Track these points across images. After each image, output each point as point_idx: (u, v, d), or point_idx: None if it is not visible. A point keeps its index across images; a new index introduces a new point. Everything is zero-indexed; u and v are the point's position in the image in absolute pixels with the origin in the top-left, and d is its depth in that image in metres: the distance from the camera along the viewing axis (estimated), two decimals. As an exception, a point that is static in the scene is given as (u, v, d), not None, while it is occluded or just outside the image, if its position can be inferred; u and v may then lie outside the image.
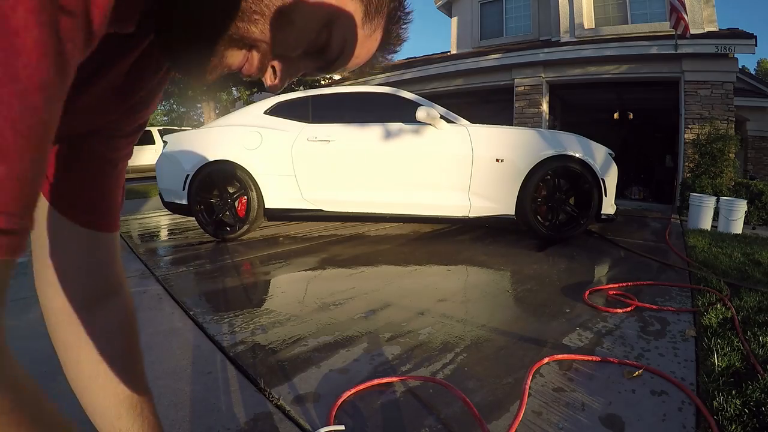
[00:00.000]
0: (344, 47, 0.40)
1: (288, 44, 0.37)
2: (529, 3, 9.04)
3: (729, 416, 1.16)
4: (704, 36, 6.54)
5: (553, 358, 1.50)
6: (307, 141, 3.47)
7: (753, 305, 2.02)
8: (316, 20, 0.37)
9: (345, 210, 3.54)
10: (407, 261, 2.90)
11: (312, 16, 0.36)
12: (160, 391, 1.29)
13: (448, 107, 3.73)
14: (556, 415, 1.19)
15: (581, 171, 3.35)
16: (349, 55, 0.41)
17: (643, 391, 1.31)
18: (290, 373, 1.41)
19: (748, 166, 10.59)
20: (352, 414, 1.20)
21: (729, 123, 6.34)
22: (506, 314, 1.97)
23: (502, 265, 2.81)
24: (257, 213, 3.50)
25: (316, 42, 0.38)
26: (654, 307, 2.03)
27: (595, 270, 2.81)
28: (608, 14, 7.92)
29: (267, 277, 2.57)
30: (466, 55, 9.09)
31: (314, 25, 0.37)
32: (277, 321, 1.86)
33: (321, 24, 0.37)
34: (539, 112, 7.81)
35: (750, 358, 1.46)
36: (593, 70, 7.27)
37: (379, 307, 2.02)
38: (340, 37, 0.39)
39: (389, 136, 3.44)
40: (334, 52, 0.40)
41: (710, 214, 4.70)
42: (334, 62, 0.41)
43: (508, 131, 3.52)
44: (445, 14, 10.75)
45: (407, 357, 1.53)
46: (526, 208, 3.37)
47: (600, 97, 9.08)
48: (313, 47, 0.39)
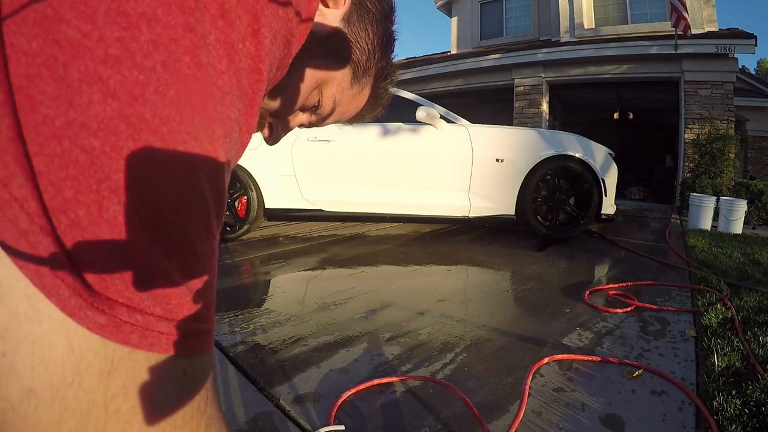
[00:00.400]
0: (334, 105, 0.44)
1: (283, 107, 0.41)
2: (529, 3, 9.04)
3: (729, 416, 1.16)
4: (704, 36, 6.55)
5: (553, 358, 1.50)
6: (307, 141, 3.47)
7: (753, 305, 2.02)
8: (309, 86, 0.40)
9: (345, 210, 3.54)
10: (407, 261, 2.90)
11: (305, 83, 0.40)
12: (160, 391, 1.29)
13: (448, 107, 3.73)
14: (556, 415, 1.19)
15: (581, 171, 3.35)
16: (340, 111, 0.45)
17: (643, 391, 1.31)
18: (290, 373, 1.41)
19: (748, 166, 10.59)
20: (352, 414, 1.20)
21: (729, 123, 6.35)
22: (506, 314, 1.97)
23: (502, 265, 2.81)
24: (257, 213, 3.50)
25: (309, 102, 0.42)
26: (654, 307, 2.03)
27: (595, 270, 2.81)
28: (608, 14, 7.93)
29: (267, 277, 2.56)
30: (466, 55, 9.09)
31: (307, 89, 0.40)
32: (277, 321, 1.86)
33: (312, 87, 0.41)
34: (539, 112, 7.82)
35: (750, 358, 1.46)
36: (593, 70, 7.27)
37: (379, 307, 2.02)
38: (330, 97, 0.42)
39: (389, 135, 3.44)
40: (326, 109, 0.44)
41: (710, 214, 4.70)
42: (325, 118, 0.45)
43: (508, 131, 3.52)
44: (445, 14, 10.75)
45: (407, 357, 1.53)
46: (526, 208, 3.37)
47: (600, 97, 9.08)
48: (306, 107, 0.43)
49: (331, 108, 0.44)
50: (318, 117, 0.45)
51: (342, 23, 0.38)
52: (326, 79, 0.41)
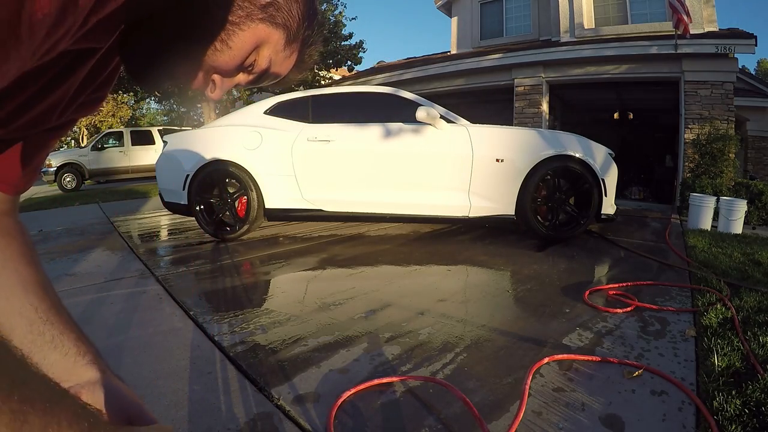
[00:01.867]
0: (269, 65, 0.52)
1: (227, 64, 0.48)
2: (529, 3, 9.04)
3: (729, 416, 1.16)
4: (704, 36, 6.54)
5: (553, 358, 1.50)
6: (307, 141, 3.47)
7: (753, 305, 2.02)
8: (250, 45, 0.48)
9: (345, 210, 3.54)
10: (407, 261, 2.90)
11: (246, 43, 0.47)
12: (160, 391, 1.29)
13: (448, 107, 3.73)
14: (556, 415, 1.19)
15: (581, 171, 3.35)
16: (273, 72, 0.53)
17: (643, 391, 1.31)
18: (290, 373, 1.41)
19: (748, 166, 10.59)
20: (352, 414, 1.20)
21: (729, 123, 6.35)
22: (506, 314, 1.97)
23: (502, 265, 2.81)
24: (257, 213, 3.50)
25: (247, 62, 0.49)
26: (654, 307, 2.03)
27: (595, 270, 2.81)
28: (608, 14, 7.93)
29: (267, 277, 2.57)
30: (466, 55, 9.09)
31: (248, 49, 0.48)
32: (277, 321, 1.86)
33: (252, 47, 0.48)
34: (539, 112, 7.81)
35: (750, 358, 1.46)
36: (593, 70, 7.27)
37: (379, 307, 2.02)
38: (266, 57, 0.50)
39: (389, 136, 3.44)
40: (261, 68, 0.51)
41: (710, 214, 4.70)
42: (260, 77, 0.53)
43: (508, 131, 3.52)
44: (445, 14, 10.75)
45: (407, 357, 1.53)
46: (526, 208, 3.37)
47: (600, 97, 9.08)
48: (244, 66, 0.50)
49: (266, 67, 0.51)
50: (255, 76, 0.53)
51: None
52: (264, 40, 0.48)
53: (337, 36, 12.71)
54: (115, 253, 3.12)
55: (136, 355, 1.53)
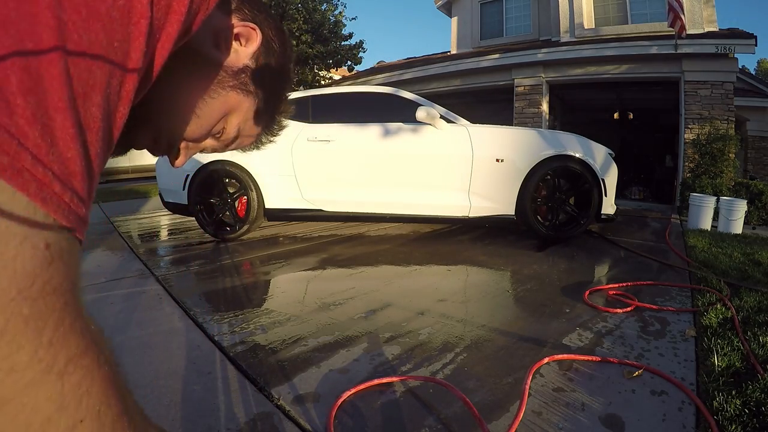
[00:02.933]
0: (238, 134, 0.50)
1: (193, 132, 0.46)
2: (529, 3, 9.04)
3: (729, 416, 1.16)
4: (704, 36, 6.55)
5: (553, 358, 1.50)
6: (307, 141, 3.47)
7: (753, 305, 2.02)
8: (219, 113, 0.46)
9: (345, 210, 3.54)
10: (407, 261, 2.90)
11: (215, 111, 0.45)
12: (160, 391, 1.29)
13: (448, 107, 3.73)
14: (556, 415, 1.19)
15: (581, 171, 3.35)
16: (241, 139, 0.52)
17: (643, 391, 1.31)
18: (290, 373, 1.41)
19: (748, 166, 10.59)
20: (352, 414, 1.20)
21: (729, 123, 6.35)
22: (506, 314, 1.97)
23: (502, 265, 2.81)
24: (257, 213, 3.50)
25: (215, 129, 0.48)
26: (654, 307, 2.03)
27: (595, 270, 2.81)
28: (608, 14, 7.93)
29: (267, 277, 2.57)
30: (466, 55, 9.09)
31: (217, 117, 0.46)
32: (277, 321, 1.86)
33: (221, 115, 0.46)
34: (539, 112, 7.82)
35: (750, 358, 1.46)
36: (593, 70, 7.27)
37: (379, 307, 2.02)
38: (235, 126, 0.49)
39: (389, 136, 3.44)
40: (229, 136, 0.50)
41: (710, 214, 4.70)
42: (228, 144, 0.52)
43: (508, 131, 3.52)
44: (445, 14, 10.75)
45: (407, 357, 1.53)
46: (526, 208, 3.37)
47: (600, 97, 9.08)
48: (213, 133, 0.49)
49: (234, 135, 0.50)
50: (221, 143, 0.51)
51: (251, 61, 0.46)
52: (233, 108, 0.47)
53: (337, 36, 12.71)
54: (115, 253, 3.12)
55: (136, 355, 1.53)
